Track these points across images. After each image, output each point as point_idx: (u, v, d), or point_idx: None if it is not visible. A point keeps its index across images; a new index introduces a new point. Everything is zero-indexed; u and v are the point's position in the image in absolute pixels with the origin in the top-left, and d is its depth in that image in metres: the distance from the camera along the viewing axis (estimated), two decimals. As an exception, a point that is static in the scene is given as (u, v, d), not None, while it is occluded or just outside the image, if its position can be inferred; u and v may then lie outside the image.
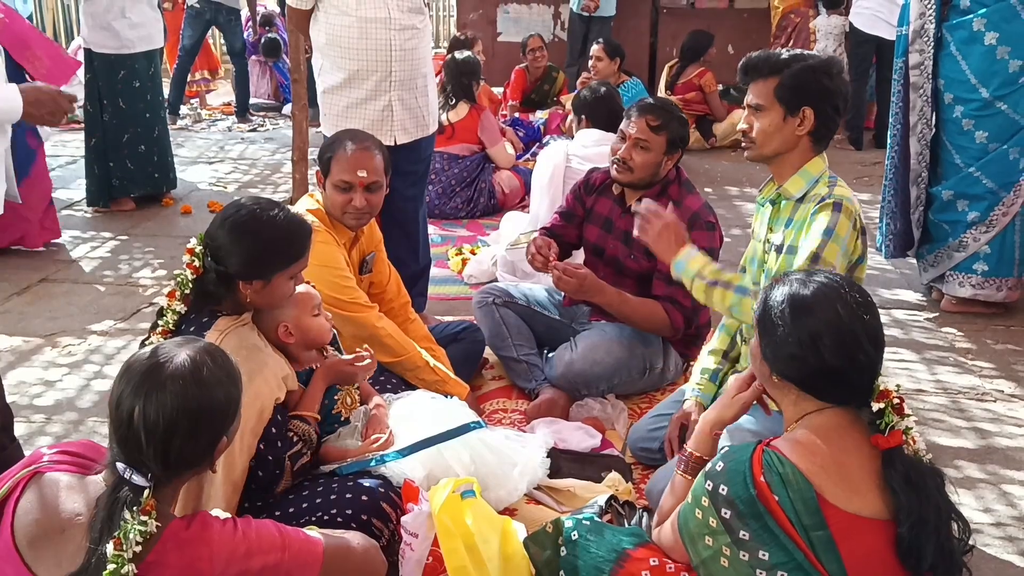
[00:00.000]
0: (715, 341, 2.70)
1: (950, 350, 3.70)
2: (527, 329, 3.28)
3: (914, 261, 4.27)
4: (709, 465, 1.76)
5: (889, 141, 4.13)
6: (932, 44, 3.84)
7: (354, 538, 1.82)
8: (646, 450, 2.76)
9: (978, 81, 3.74)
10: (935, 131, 3.92)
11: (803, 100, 2.32)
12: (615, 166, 3.09)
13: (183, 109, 8.40)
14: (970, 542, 1.71)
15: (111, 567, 1.42)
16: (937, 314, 4.04)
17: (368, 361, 2.44)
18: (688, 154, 7.15)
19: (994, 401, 3.28)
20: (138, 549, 1.44)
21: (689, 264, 2.47)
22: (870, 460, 1.69)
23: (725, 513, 1.66)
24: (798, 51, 2.42)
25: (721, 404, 2.00)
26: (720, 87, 7.27)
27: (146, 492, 1.47)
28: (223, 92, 9.49)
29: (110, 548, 1.43)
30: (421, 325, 3.11)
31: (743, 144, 2.46)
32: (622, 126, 3.11)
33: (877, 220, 5.42)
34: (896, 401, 1.72)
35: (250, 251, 2.15)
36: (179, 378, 1.51)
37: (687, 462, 1.97)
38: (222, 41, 9.34)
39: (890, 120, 4.11)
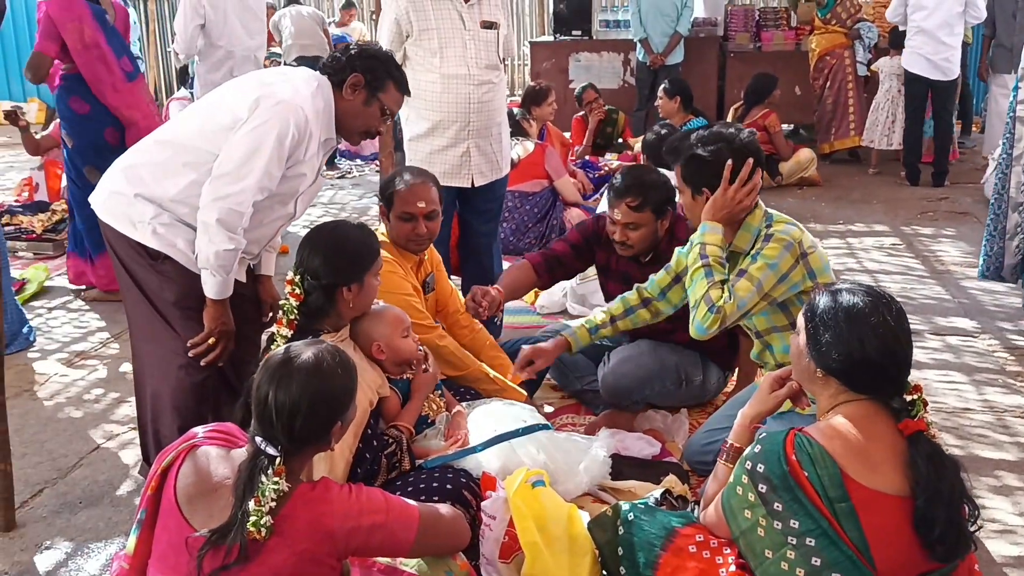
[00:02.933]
0: (613, 306, 3.14)
1: (1000, 372, 3.88)
2: (584, 359, 3.48)
3: (987, 286, 4.65)
4: (748, 449, 2.04)
5: (997, 170, 4.39)
6: None
7: (444, 508, 2.15)
8: (701, 463, 3.01)
9: None
10: None
11: (701, 183, 2.69)
12: (617, 247, 3.28)
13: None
14: (979, 523, 1.95)
15: (253, 518, 1.78)
16: (994, 340, 4.22)
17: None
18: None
19: (1039, 419, 3.46)
20: (273, 504, 1.80)
21: (707, 235, 2.69)
22: (894, 444, 1.94)
23: (762, 488, 1.93)
24: (688, 137, 2.76)
25: (758, 400, 2.28)
26: (786, 127, 7.52)
27: (277, 460, 1.83)
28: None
29: (251, 504, 1.79)
30: (485, 333, 3.43)
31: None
32: (607, 211, 3.29)
33: (939, 251, 5.63)
34: (924, 396, 1.98)
35: (343, 257, 2.59)
36: (304, 369, 1.88)
37: (728, 452, 2.26)
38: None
39: (1001, 152, 4.38)
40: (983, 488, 2.95)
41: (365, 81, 2.77)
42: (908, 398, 1.98)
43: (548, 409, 3.49)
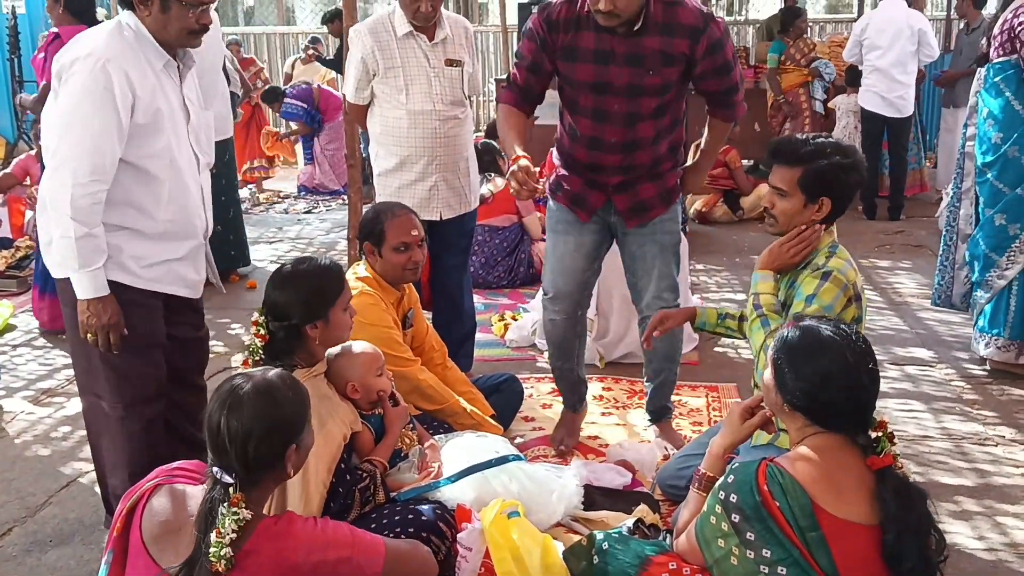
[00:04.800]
0: (746, 309, 2.83)
1: (957, 400, 3.99)
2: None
3: (943, 317, 4.91)
4: (721, 479, 2.09)
5: (949, 202, 4.55)
6: None
7: (409, 542, 2.18)
8: (674, 487, 3.03)
9: (978, 150, 4.15)
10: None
11: (823, 192, 2.61)
12: (601, 17, 2.93)
13: (243, 192, 8.99)
14: (944, 553, 2.01)
15: (212, 550, 1.79)
16: (951, 369, 4.35)
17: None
18: (716, 226, 7.59)
19: (995, 445, 3.56)
20: (234, 536, 1.80)
21: (760, 284, 2.69)
22: (861, 475, 1.99)
23: (735, 518, 1.98)
24: (822, 142, 2.68)
25: (729, 430, 2.34)
26: (746, 163, 7.69)
27: (232, 489, 1.84)
28: (279, 178, 10.10)
29: (212, 537, 1.80)
30: (458, 371, 3.51)
31: (767, 220, 2.77)
32: None
33: (896, 283, 5.79)
34: (889, 431, 2.04)
35: (305, 296, 2.57)
36: (254, 394, 1.89)
37: (700, 481, 2.31)
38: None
39: (952, 186, 4.53)
40: (943, 513, 3.02)
41: None
42: (873, 435, 2.03)
43: (519, 441, 3.52)
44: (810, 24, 11.24)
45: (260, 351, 2.57)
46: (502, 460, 2.72)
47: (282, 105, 9.31)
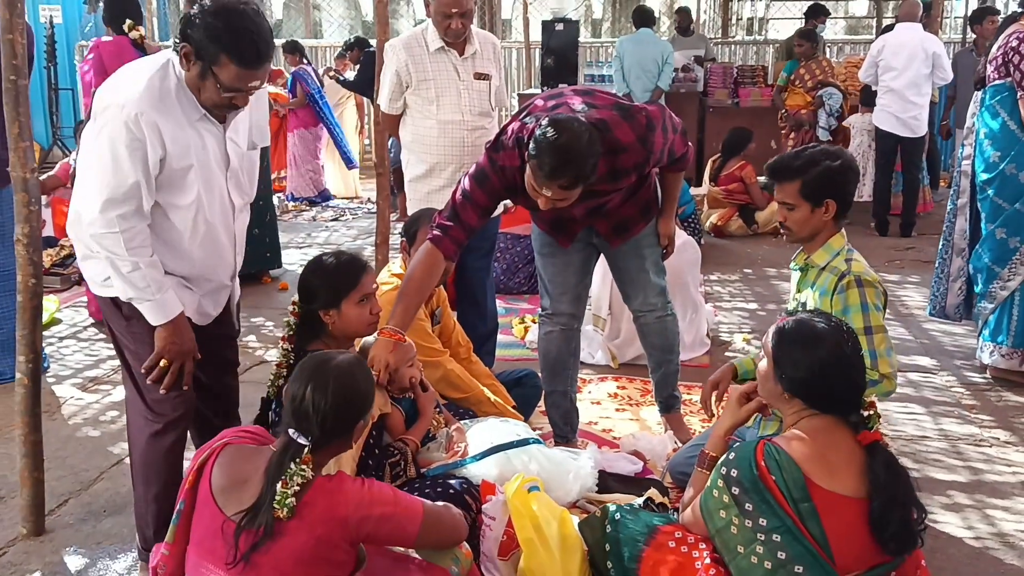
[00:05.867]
0: None
1: (955, 405, 4.18)
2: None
3: (946, 328, 5.11)
4: (723, 457, 2.31)
5: (946, 219, 4.74)
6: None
7: (444, 506, 2.41)
8: (684, 474, 3.20)
9: (977, 168, 4.36)
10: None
11: (825, 195, 2.83)
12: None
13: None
14: (924, 523, 2.23)
15: (279, 498, 2.04)
16: (951, 377, 4.54)
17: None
18: (731, 239, 7.79)
19: (990, 447, 3.75)
20: (297, 489, 2.05)
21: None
22: (851, 452, 2.22)
23: (734, 490, 2.20)
24: (810, 152, 2.91)
25: (729, 413, 2.57)
26: (761, 179, 7.89)
27: (306, 449, 2.10)
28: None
29: (279, 487, 2.05)
30: (481, 365, 3.74)
31: (783, 232, 3.01)
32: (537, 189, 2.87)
33: (904, 296, 5.97)
34: (878, 412, 2.29)
35: (321, 284, 2.78)
36: (338, 371, 2.17)
37: (704, 460, 2.53)
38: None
39: (949, 202, 4.72)
40: (936, 506, 3.23)
41: (195, 52, 2.44)
42: (864, 413, 2.28)
43: (538, 433, 3.73)
44: (827, 45, 11.50)
45: (292, 327, 2.82)
46: (523, 442, 2.95)
47: (300, 65, 9.33)
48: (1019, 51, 4.07)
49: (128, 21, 5.08)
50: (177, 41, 2.47)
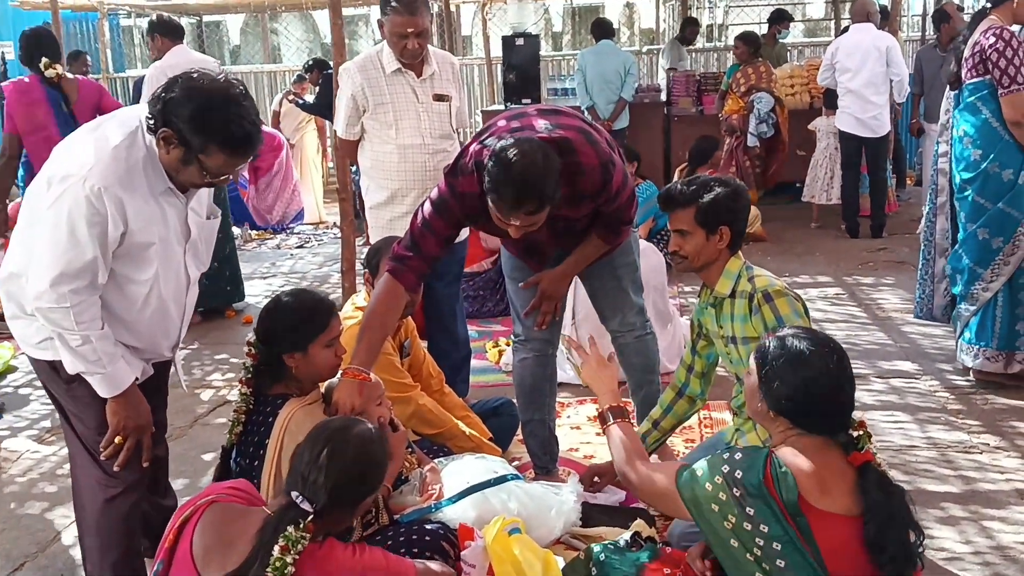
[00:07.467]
0: (653, 412, 3.20)
1: (941, 411, 4.09)
2: None
3: (925, 330, 5.04)
4: (728, 452, 2.20)
5: (925, 219, 4.68)
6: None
7: (436, 565, 2.29)
8: (686, 544, 3.12)
9: (955, 168, 4.28)
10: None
11: (719, 222, 2.81)
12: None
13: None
14: (923, 543, 2.12)
15: (275, 564, 1.91)
16: (935, 381, 4.46)
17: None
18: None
19: (980, 453, 3.66)
20: (297, 556, 1.93)
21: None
22: (843, 471, 2.12)
23: (736, 492, 2.09)
24: (703, 179, 2.88)
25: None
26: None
27: (310, 517, 1.98)
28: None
29: (277, 550, 1.92)
30: (455, 396, 3.61)
31: (674, 262, 2.94)
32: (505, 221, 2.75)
33: (880, 299, 5.91)
34: (868, 432, 2.18)
35: (285, 325, 2.66)
36: (360, 439, 2.09)
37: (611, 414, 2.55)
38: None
39: (927, 201, 4.67)
40: (930, 519, 3.13)
41: (178, 139, 2.28)
42: (854, 433, 2.17)
43: (516, 464, 3.60)
44: (788, 48, 11.51)
45: (250, 370, 2.66)
46: (500, 480, 2.81)
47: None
48: (996, 48, 4.00)
49: (44, 59, 5.03)
50: (150, 118, 2.30)
